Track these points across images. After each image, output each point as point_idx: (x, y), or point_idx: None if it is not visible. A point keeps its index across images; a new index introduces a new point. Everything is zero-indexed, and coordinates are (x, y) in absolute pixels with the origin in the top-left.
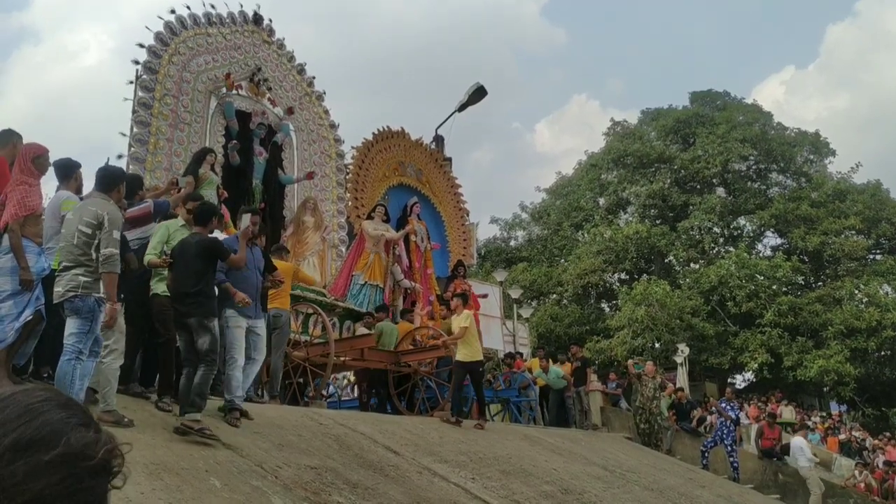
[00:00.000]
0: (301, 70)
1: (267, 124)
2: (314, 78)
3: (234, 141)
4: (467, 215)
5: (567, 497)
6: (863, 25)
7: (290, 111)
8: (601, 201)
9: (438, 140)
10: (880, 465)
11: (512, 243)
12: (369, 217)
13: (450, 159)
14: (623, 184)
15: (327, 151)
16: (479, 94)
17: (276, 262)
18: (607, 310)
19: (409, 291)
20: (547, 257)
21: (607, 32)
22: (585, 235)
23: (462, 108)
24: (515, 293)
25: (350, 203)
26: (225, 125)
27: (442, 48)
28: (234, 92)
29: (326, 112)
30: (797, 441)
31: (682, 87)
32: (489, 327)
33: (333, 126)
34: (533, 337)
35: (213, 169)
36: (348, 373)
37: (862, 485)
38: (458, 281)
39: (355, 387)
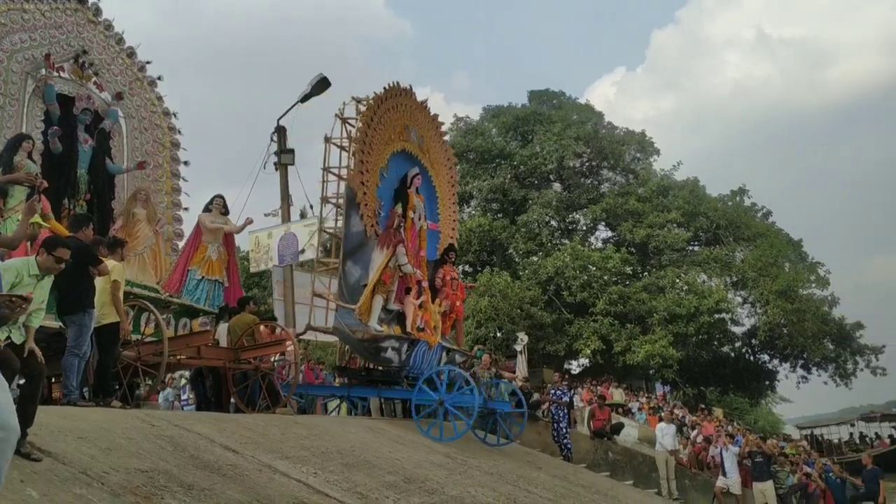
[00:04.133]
0: (131, 53)
1: (93, 110)
2: (147, 63)
3: (55, 127)
4: (457, 195)
5: (410, 486)
6: (684, 33)
7: (118, 97)
8: None
9: (280, 131)
10: (699, 440)
11: None
12: (206, 209)
13: (292, 151)
14: (466, 178)
15: (161, 140)
16: (322, 85)
17: (107, 261)
18: None
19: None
20: None
21: (453, 27)
22: None
23: (305, 99)
24: None
25: (353, 166)
26: (45, 110)
27: (288, 37)
28: (56, 74)
29: (160, 98)
30: (661, 426)
31: (523, 85)
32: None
33: (168, 114)
34: None
35: (30, 157)
36: (185, 372)
37: (683, 458)
38: (447, 267)
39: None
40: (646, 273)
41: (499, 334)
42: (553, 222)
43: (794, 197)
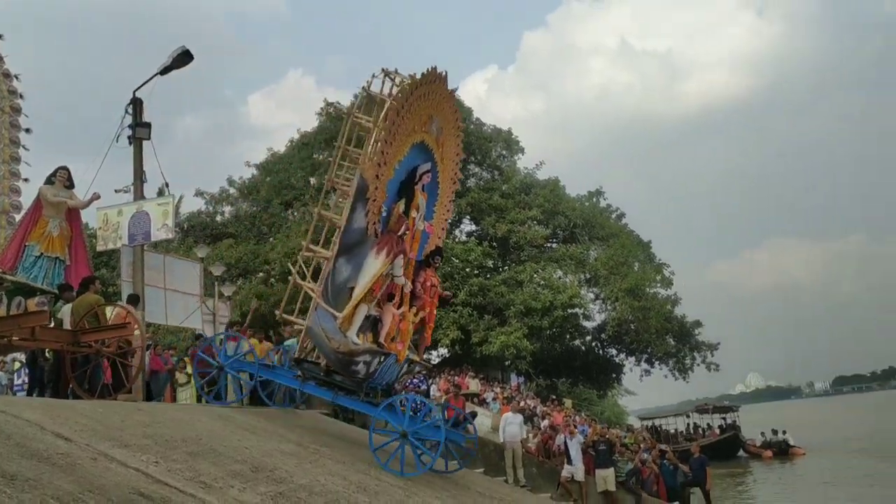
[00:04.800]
0: None
1: None
2: None
3: None
4: (454, 194)
5: (257, 475)
6: (554, 36)
7: None
8: (312, 181)
9: (136, 103)
10: (546, 429)
11: (218, 218)
12: (48, 181)
13: (148, 125)
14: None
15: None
16: (184, 58)
17: None
18: None
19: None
20: (255, 234)
21: (329, 9)
22: (295, 214)
23: (165, 71)
24: (217, 270)
25: (372, 155)
26: None
27: (156, 6)
28: None
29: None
30: (507, 415)
31: None
32: (188, 305)
33: (8, 76)
34: (235, 316)
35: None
36: (20, 355)
37: (532, 446)
38: (429, 271)
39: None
40: (506, 267)
41: None
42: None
43: (647, 200)
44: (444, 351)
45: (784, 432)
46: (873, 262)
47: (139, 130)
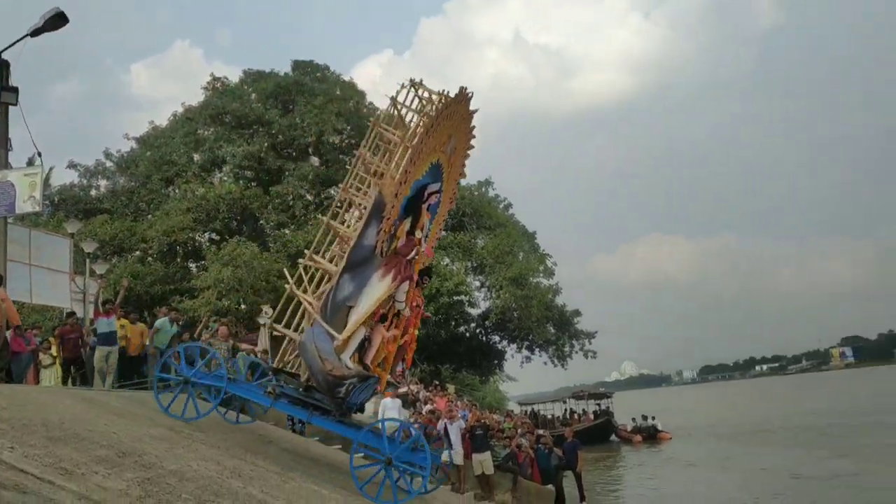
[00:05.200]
0: None
1: None
2: None
3: None
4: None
5: (124, 460)
6: (450, 24)
7: None
8: (196, 157)
9: (2, 65)
10: (427, 414)
11: (93, 193)
12: None
13: (15, 89)
14: (219, 142)
15: None
16: (57, 20)
17: None
18: (194, 269)
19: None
20: (132, 211)
21: None
22: (176, 191)
23: (36, 33)
24: (90, 247)
25: (394, 173)
26: None
27: None
28: None
29: None
30: (386, 401)
31: (288, 53)
32: (56, 282)
33: None
34: (108, 295)
35: None
36: None
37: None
38: (416, 290)
39: None
40: None
41: (242, 306)
42: (308, 196)
43: (533, 193)
44: None
45: (653, 418)
46: (741, 260)
47: (5, 95)
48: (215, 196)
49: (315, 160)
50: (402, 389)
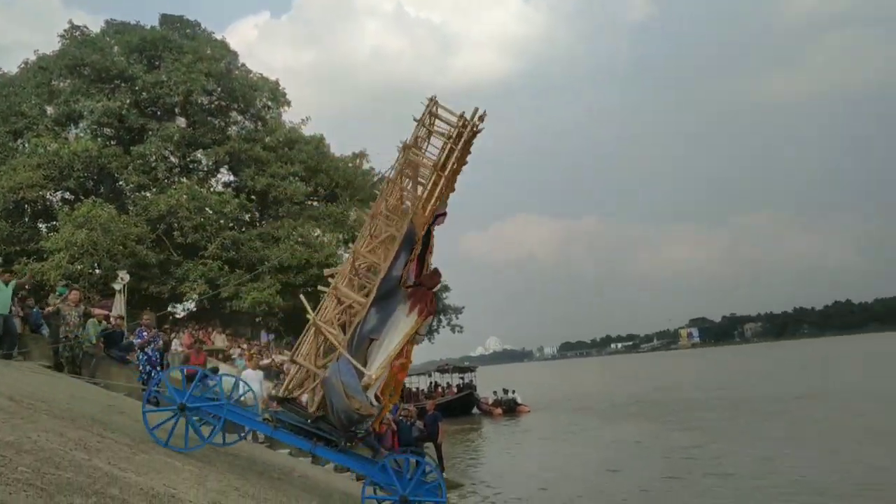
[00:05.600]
0: None
1: None
2: None
3: None
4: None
5: None
6: None
7: None
8: (49, 110)
9: None
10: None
11: None
12: None
13: None
14: (76, 95)
15: None
16: None
17: None
18: (44, 230)
19: None
20: None
21: None
22: (26, 145)
23: None
24: None
25: (426, 201)
26: None
27: None
28: None
29: None
30: (248, 372)
31: (155, 5)
32: None
33: None
34: None
35: None
36: None
37: (274, 403)
38: None
39: None
40: (263, 222)
41: (97, 271)
42: (172, 158)
43: None
44: (190, 305)
45: (513, 392)
46: (602, 243)
47: None
48: (70, 153)
49: (182, 121)
50: (266, 361)
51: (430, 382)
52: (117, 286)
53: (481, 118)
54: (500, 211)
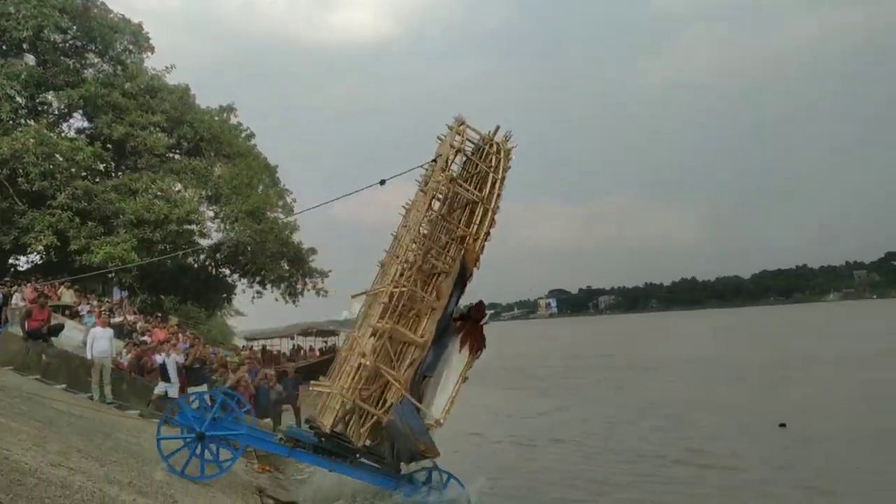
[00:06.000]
0: None
1: None
2: None
3: None
4: None
5: None
6: None
7: None
8: None
9: None
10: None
11: None
12: None
13: None
14: None
15: None
16: None
17: None
18: None
19: None
20: None
21: None
22: None
23: None
24: None
25: (475, 230)
26: None
27: None
28: None
29: None
30: (96, 330)
31: None
32: None
33: None
34: None
35: None
36: None
37: (123, 363)
38: None
39: None
40: (119, 173)
41: None
42: (19, 98)
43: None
44: (35, 257)
45: None
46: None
47: None
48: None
49: (31, 58)
50: (117, 319)
51: (293, 345)
52: None
53: (507, 138)
54: (372, 176)
